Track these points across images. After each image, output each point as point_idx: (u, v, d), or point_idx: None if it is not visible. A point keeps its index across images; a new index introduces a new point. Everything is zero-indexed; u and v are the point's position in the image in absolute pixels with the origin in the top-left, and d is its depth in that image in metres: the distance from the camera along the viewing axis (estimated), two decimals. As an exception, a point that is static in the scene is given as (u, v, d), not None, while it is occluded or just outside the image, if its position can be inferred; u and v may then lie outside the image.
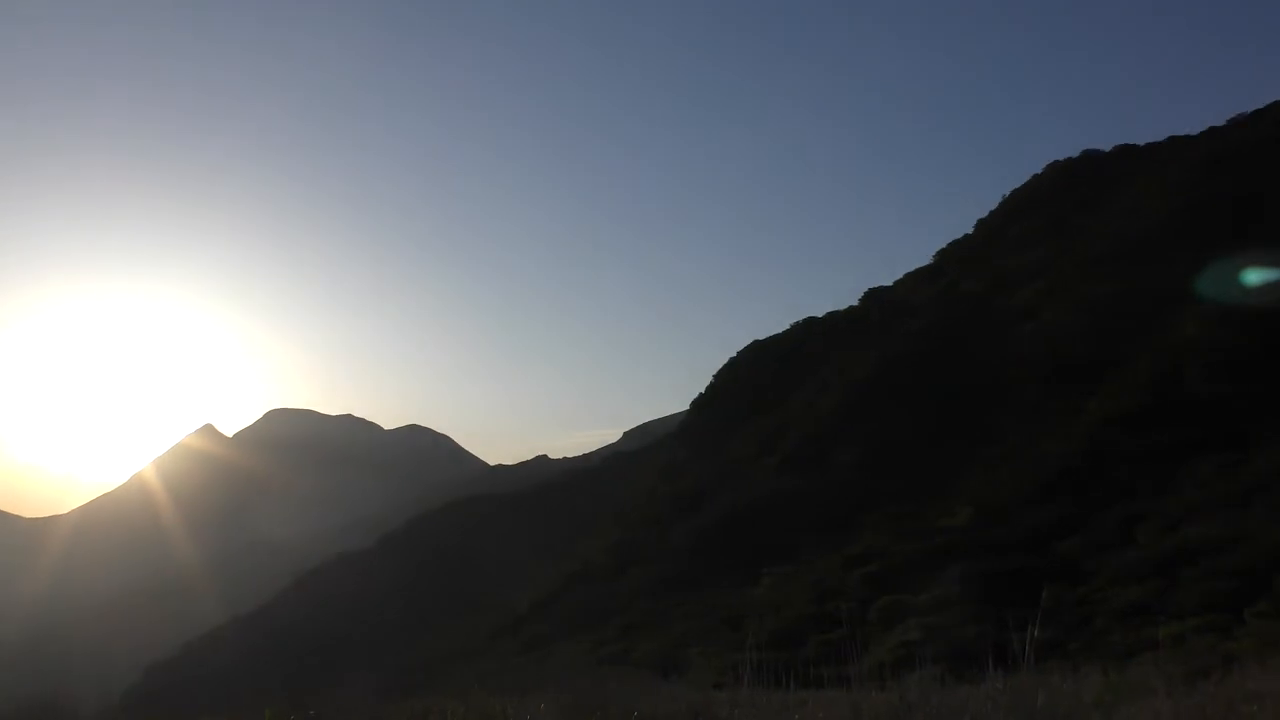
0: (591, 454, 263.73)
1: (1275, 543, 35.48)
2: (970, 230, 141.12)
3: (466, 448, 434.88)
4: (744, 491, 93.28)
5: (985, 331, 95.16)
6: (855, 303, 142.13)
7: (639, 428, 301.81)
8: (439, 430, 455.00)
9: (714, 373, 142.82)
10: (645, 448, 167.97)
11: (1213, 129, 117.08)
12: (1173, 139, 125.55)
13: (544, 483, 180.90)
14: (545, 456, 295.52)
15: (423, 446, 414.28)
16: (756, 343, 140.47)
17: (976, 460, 73.28)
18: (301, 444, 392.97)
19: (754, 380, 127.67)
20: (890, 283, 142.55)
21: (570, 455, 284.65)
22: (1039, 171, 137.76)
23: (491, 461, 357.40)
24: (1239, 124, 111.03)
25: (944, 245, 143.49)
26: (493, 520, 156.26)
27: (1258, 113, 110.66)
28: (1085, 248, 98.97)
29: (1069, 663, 22.42)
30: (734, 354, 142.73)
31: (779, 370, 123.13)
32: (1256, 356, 61.47)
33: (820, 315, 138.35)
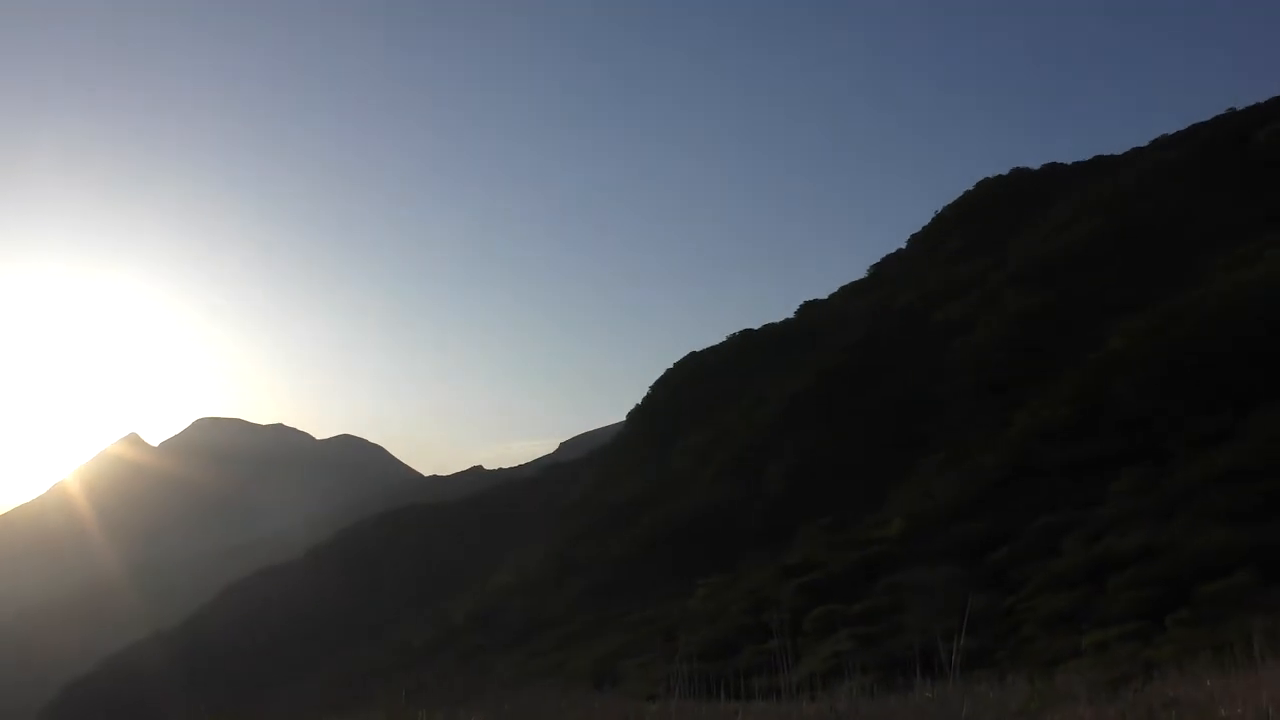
0: (528, 465, 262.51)
1: (1195, 552, 36.42)
2: (904, 245, 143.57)
3: (401, 458, 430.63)
4: (681, 502, 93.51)
5: (918, 345, 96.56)
6: (791, 315, 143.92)
7: (576, 439, 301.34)
8: (372, 441, 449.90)
9: (651, 384, 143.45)
10: (582, 459, 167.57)
11: (1137, 149, 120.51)
12: (1098, 159, 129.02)
13: (480, 494, 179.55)
14: (481, 468, 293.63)
15: (356, 457, 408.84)
16: (693, 354, 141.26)
17: (909, 471, 74.24)
18: (230, 454, 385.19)
19: (691, 392, 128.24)
20: (826, 296, 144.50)
21: (506, 466, 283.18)
22: (970, 188, 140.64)
23: (426, 472, 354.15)
24: (1161, 145, 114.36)
25: (878, 260, 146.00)
26: (427, 531, 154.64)
27: (1179, 134, 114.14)
28: (1015, 263, 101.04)
29: (996, 671, 22.75)
30: (671, 365, 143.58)
31: (716, 382, 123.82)
32: (1178, 372, 63.17)
33: (757, 328, 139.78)
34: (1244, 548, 35.01)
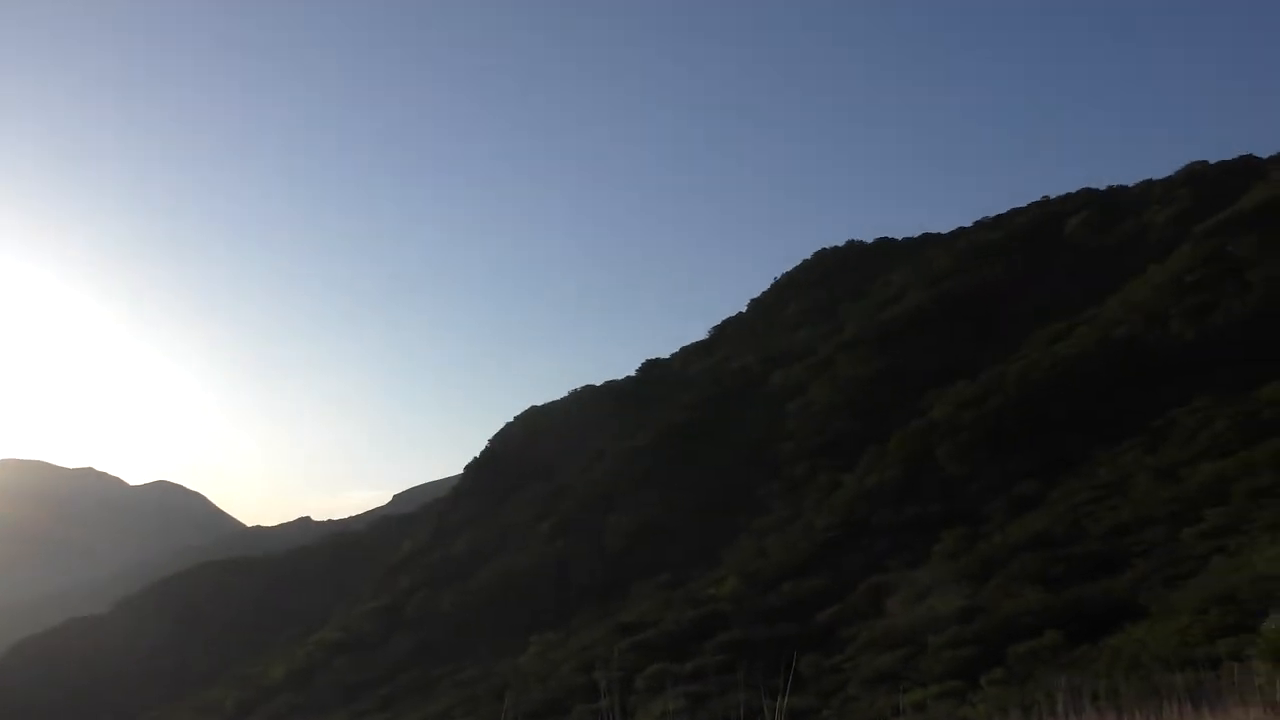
0: (359, 517, 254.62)
1: (1008, 615, 38.16)
2: (744, 309, 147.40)
3: (223, 508, 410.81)
4: (516, 558, 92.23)
5: (756, 406, 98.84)
6: (633, 373, 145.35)
7: (410, 491, 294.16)
8: (191, 488, 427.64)
9: (490, 437, 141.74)
10: (416, 511, 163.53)
11: (961, 228, 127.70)
12: (926, 235, 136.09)
13: (306, 546, 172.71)
14: (309, 519, 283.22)
15: (173, 504, 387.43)
16: (534, 409, 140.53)
17: (744, 531, 75.53)
18: (34, 498, 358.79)
19: (530, 446, 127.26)
20: (668, 356, 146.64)
21: (336, 518, 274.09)
22: (808, 257, 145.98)
23: (250, 523, 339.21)
24: (984, 226, 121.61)
25: (719, 322, 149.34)
26: (247, 584, 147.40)
27: (999, 217, 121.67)
28: (849, 331, 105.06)
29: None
30: (510, 419, 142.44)
31: (555, 437, 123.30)
32: (995, 439, 66.66)
33: (598, 384, 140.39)
34: (1052, 609, 36.89)
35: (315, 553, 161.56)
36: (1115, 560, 40.95)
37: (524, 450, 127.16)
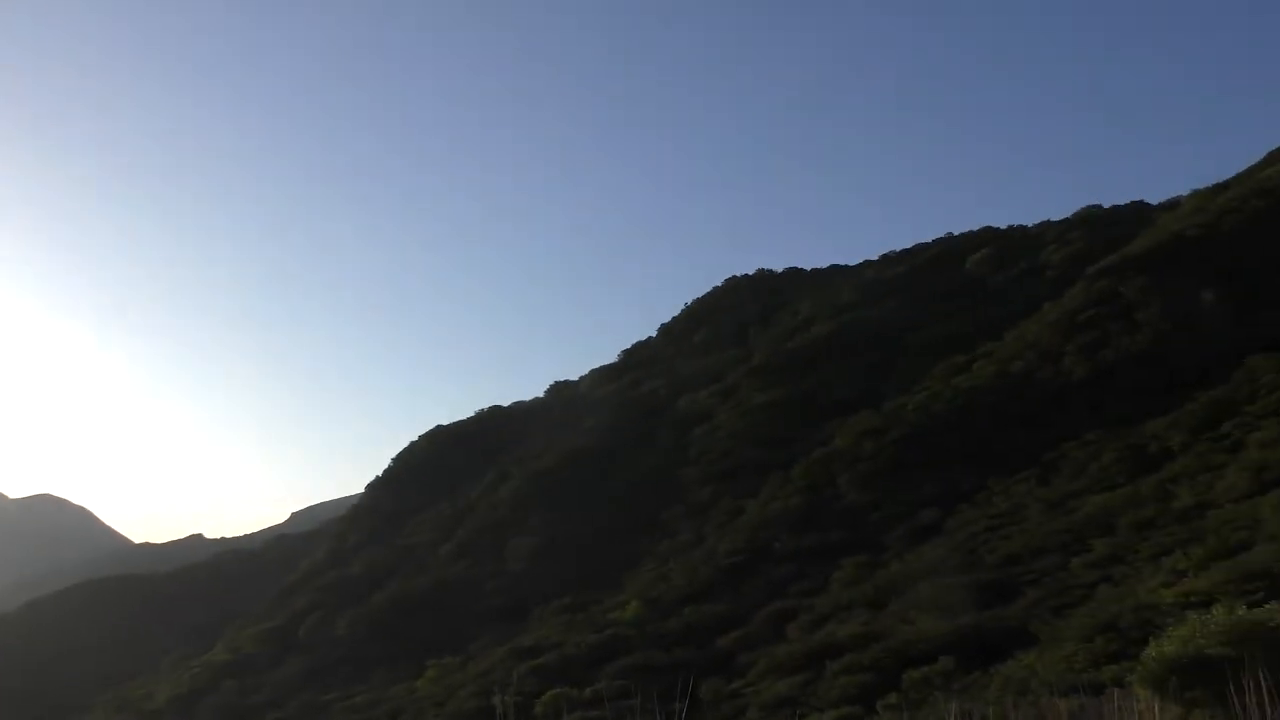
0: (254, 534, 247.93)
1: (904, 641, 38.73)
2: (654, 334, 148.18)
3: (109, 523, 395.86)
4: (416, 579, 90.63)
5: (663, 431, 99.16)
6: (541, 394, 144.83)
7: (308, 509, 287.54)
8: (75, 502, 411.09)
9: (393, 456, 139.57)
10: (314, 530, 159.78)
11: (868, 261, 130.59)
12: (834, 266, 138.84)
13: (197, 564, 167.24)
14: (200, 535, 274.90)
15: (54, 518, 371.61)
16: (439, 428, 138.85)
17: (648, 555, 75.51)
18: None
19: (434, 465, 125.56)
20: (576, 378, 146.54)
21: (230, 535, 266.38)
22: (719, 284, 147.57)
23: (138, 539, 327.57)
24: (889, 260, 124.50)
25: (629, 346, 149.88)
26: (133, 603, 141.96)
27: (904, 252, 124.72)
28: (757, 358, 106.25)
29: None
30: (416, 438, 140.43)
31: (461, 457, 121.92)
32: (895, 469, 67.92)
33: (506, 405, 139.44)
34: (946, 636, 37.56)
35: (205, 571, 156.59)
36: (1008, 588, 41.91)
37: (428, 470, 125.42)
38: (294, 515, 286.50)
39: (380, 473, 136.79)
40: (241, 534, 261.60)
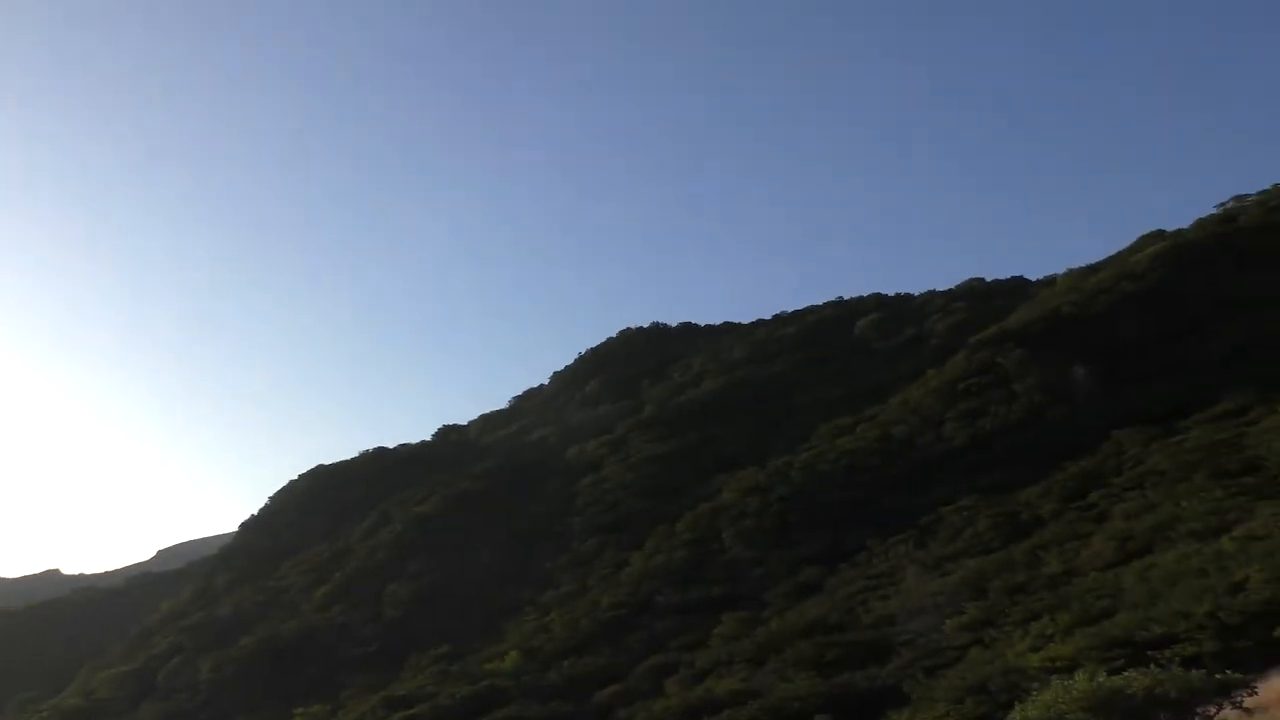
0: (116, 572, 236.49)
1: (781, 699, 38.94)
2: (546, 381, 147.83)
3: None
4: (287, 622, 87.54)
5: (550, 479, 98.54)
6: (428, 438, 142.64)
7: (176, 547, 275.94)
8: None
9: (270, 494, 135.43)
10: (181, 569, 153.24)
11: (761, 320, 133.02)
12: (728, 324, 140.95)
13: (51, 600, 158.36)
14: (57, 571, 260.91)
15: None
16: (320, 467, 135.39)
17: (530, 605, 74.50)
18: None
19: (313, 506, 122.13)
20: (465, 423, 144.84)
21: (90, 572, 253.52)
22: (613, 335, 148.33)
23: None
24: (782, 320, 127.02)
25: (520, 393, 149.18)
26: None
27: (796, 313, 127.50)
28: (647, 411, 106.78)
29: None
30: (295, 477, 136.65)
31: (342, 498, 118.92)
32: (779, 526, 68.71)
33: (391, 446, 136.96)
34: (823, 694, 37.89)
35: (61, 608, 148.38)
36: (883, 648, 42.56)
37: (306, 511, 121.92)
38: (160, 553, 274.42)
39: (255, 511, 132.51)
40: (102, 571, 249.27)
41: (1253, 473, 45.94)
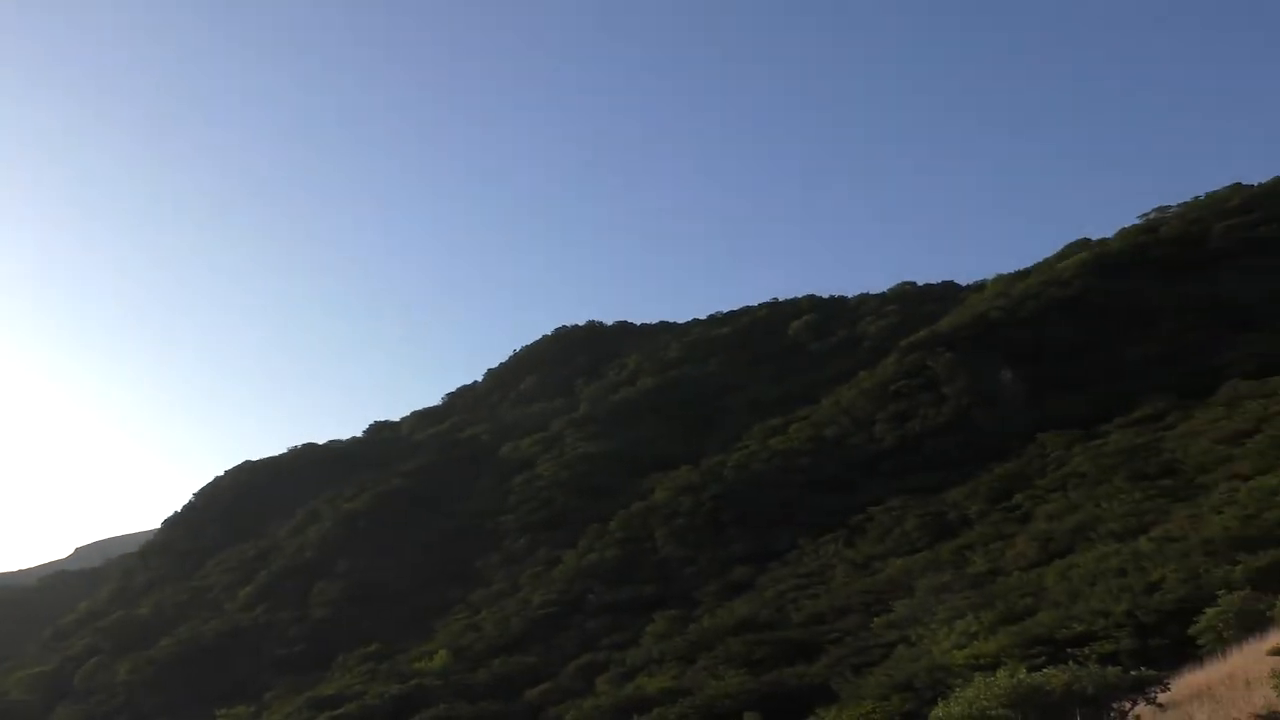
0: (31, 570, 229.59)
1: (711, 695, 39.12)
2: (480, 379, 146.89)
3: None
4: (210, 622, 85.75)
5: (482, 477, 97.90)
6: (360, 434, 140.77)
7: (95, 544, 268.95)
8: None
9: (194, 491, 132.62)
10: (99, 567, 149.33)
11: (696, 320, 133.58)
12: (663, 323, 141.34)
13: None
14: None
15: None
16: (248, 463, 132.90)
17: (460, 603, 73.93)
18: None
19: (239, 503, 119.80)
20: (398, 419, 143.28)
21: (4, 570, 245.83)
22: (549, 333, 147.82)
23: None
24: (716, 321, 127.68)
25: (454, 389, 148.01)
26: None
27: (730, 314, 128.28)
28: (582, 409, 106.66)
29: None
30: (221, 473, 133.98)
31: (270, 495, 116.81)
32: (711, 525, 69.10)
33: (321, 442, 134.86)
34: (752, 692, 38.14)
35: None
36: (812, 646, 42.98)
37: (231, 507, 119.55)
38: (78, 550, 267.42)
39: (178, 508, 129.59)
40: (17, 569, 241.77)
41: (1170, 476, 47.40)
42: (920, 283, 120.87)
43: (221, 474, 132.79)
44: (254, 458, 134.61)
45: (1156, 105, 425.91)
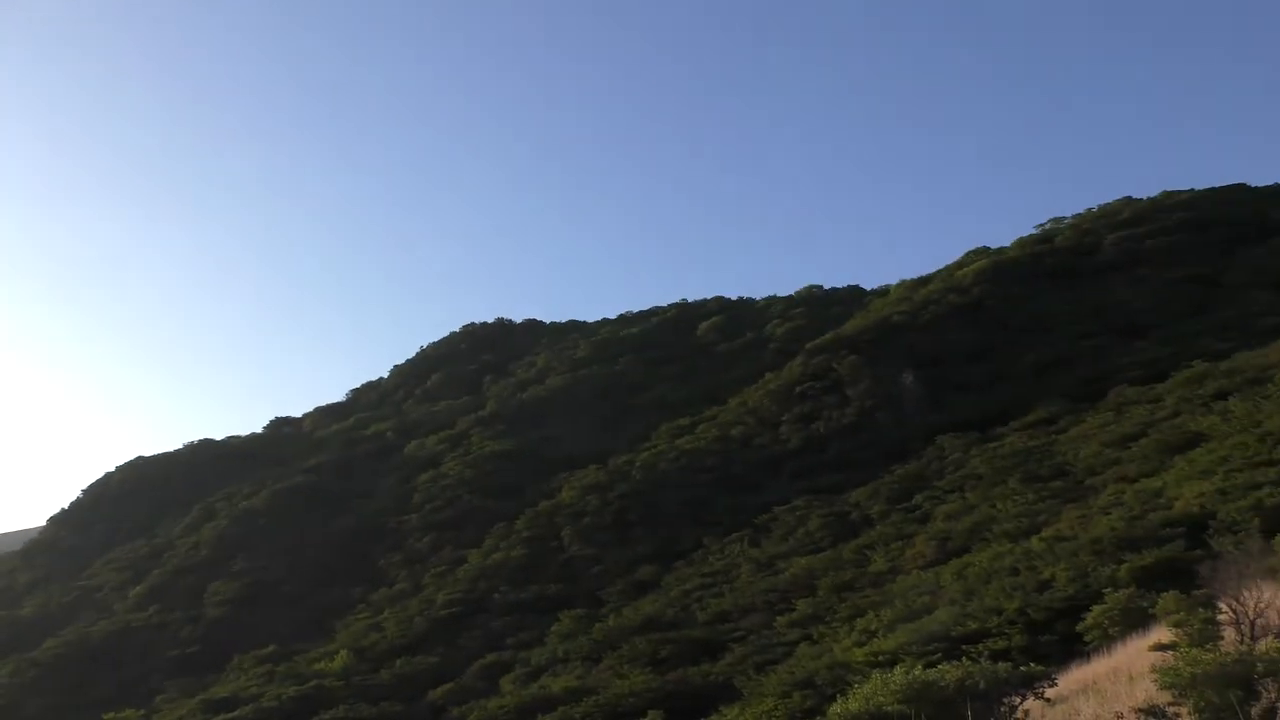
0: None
1: (616, 694, 39.26)
2: (386, 375, 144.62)
3: None
4: (98, 623, 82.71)
5: (388, 475, 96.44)
6: (260, 430, 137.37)
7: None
8: None
9: (84, 487, 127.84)
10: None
11: (606, 319, 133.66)
12: (573, 322, 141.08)
13: None
14: None
15: None
16: (140, 459, 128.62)
17: (362, 603, 72.71)
18: None
19: (131, 500, 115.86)
20: (299, 414, 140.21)
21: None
22: (456, 330, 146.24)
23: None
24: (626, 320, 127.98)
25: (358, 385, 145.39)
26: None
27: (640, 314, 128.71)
28: (489, 408, 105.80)
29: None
30: (112, 469, 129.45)
31: (164, 491, 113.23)
32: (617, 524, 69.26)
33: (219, 438, 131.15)
34: (657, 691, 38.37)
35: None
36: (716, 645, 43.42)
37: (122, 505, 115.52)
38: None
39: (65, 505, 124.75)
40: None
41: (1061, 478, 49.20)
42: (827, 286, 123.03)
43: (112, 470, 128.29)
44: (147, 453, 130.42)
45: (1054, 116, 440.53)
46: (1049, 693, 15.66)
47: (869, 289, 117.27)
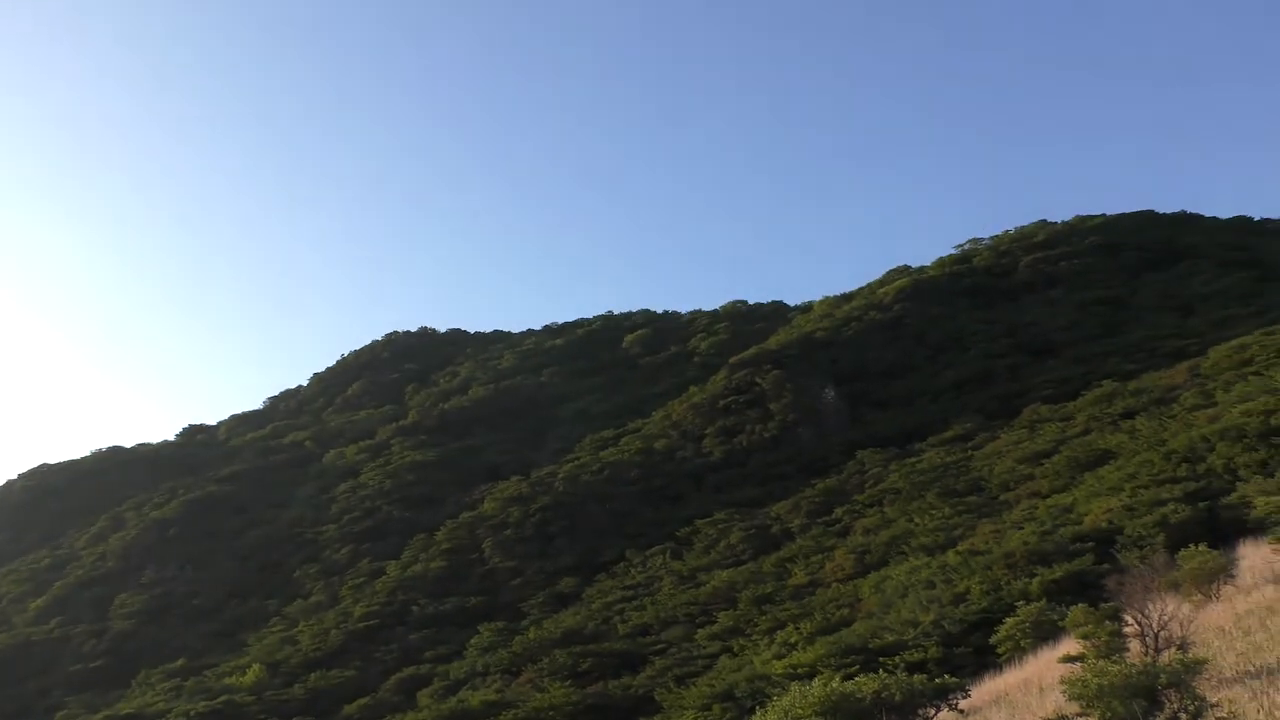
0: None
1: (535, 708, 38.97)
2: (304, 383, 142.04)
3: None
4: (-4, 637, 79.58)
5: (305, 485, 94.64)
6: (172, 438, 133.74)
7: None
8: None
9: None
10: None
11: (531, 330, 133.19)
12: (498, 332, 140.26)
13: None
14: None
15: None
16: (44, 466, 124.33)
17: (276, 616, 71.10)
18: None
19: (34, 509, 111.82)
20: (214, 422, 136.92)
21: None
22: (379, 338, 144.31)
23: None
24: (551, 331, 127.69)
25: (276, 393, 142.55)
26: None
27: (566, 324, 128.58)
28: (411, 417, 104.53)
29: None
30: (13, 476, 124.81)
31: (69, 501, 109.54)
32: (539, 536, 68.86)
33: (128, 445, 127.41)
34: (577, 704, 38.20)
35: None
36: (637, 658, 43.38)
37: (23, 514, 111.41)
38: None
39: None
40: None
41: (976, 493, 50.28)
42: (751, 302, 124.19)
43: (14, 477, 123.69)
44: (52, 460, 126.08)
45: (975, 139, 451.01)
46: (962, 704, 15.97)
47: (792, 305, 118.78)
